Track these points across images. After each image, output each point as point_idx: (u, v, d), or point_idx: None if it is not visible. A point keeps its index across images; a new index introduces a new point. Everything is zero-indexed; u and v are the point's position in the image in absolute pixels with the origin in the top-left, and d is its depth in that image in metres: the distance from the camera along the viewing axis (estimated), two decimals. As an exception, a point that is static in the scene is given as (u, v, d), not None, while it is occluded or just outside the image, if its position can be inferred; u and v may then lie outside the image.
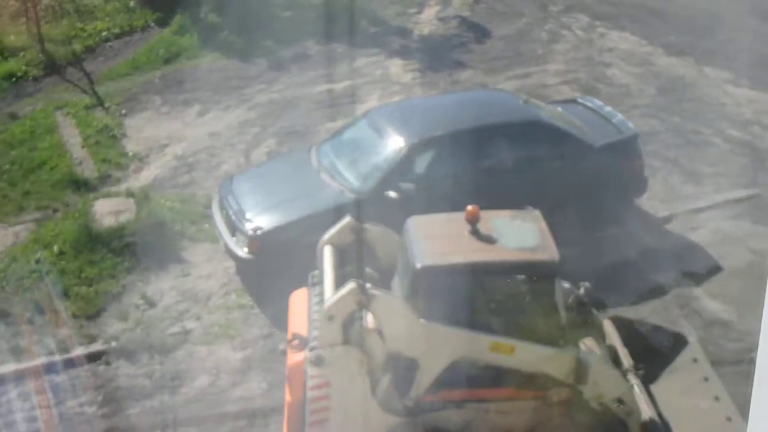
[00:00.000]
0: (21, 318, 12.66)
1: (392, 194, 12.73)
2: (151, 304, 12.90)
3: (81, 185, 15.69)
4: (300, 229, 12.46)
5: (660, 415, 9.60)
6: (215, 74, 19.54)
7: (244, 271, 13.19)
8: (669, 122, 17.02)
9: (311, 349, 8.96)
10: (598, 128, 14.28)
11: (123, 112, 18.34)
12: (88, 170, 16.20)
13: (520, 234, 9.64)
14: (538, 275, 9.36)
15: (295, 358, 9.24)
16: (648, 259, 13.48)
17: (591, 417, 9.46)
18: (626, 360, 10.07)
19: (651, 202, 14.68)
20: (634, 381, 9.83)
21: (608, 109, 14.99)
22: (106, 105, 18.61)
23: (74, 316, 12.67)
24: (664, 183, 15.26)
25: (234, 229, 12.88)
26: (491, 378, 9.35)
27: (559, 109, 14.78)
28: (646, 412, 9.53)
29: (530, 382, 9.37)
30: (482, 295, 9.34)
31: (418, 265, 9.13)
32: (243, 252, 12.70)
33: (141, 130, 17.65)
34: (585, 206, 13.55)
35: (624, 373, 9.81)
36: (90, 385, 11.72)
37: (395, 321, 8.96)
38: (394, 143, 13.25)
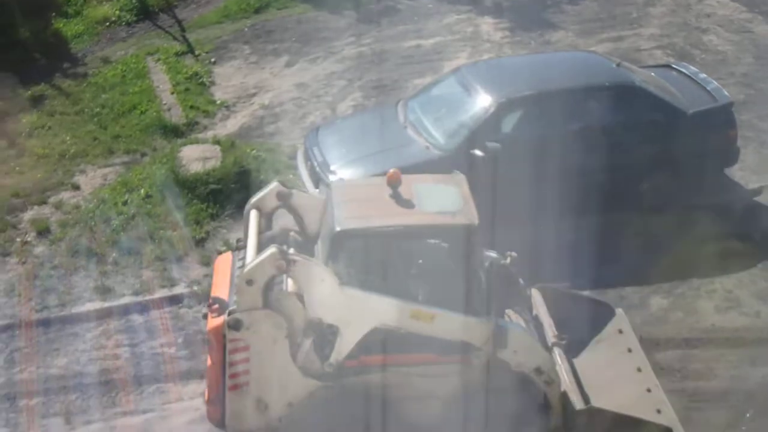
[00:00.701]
0: (107, 258, 12.89)
1: (478, 153, 12.56)
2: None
3: (169, 131, 15.88)
4: (384, 184, 12.43)
5: (580, 384, 9.61)
6: (304, 25, 19.53)
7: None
8: (765, 92, 16.54)
9: (230, 313, 8.92)
10: (692, 95, 13.94)
11: (212, 60, 18.48)
12: (177, 116, 16.38)
13: (441, 198, 9.51)
14: (456, 240, 9.19)
15: (214, 322, 9.18)
16: (734, 231, 13.20)
17: (512, 385, 9.36)
18: (551, 330, 10.09)
19: (742, 173, 14.32)
20: (557, 351, 9.84)
21: (703, 75, 14.61)
22: (196, 52, 18.76)
23: (158, 258, 12.86)
24: (757, 154, 14.87)
25: (318, 181, 12.90)
26: (412, 343, 9.21)
27: (653, 74, 14.44)
28: (566, 382, 9.52)
29: (451, 347, 9.26)
30: (401, 261, 9.27)
31: (337, 228, 9.06)
32: (326, 203, 12.72)
33: (229, 79, 17.77)
34: (674, 174, 13.29)
35: (547, 343, 9.81)
36: (171, 327, 11.90)
37: (315, 287, 8.86)
38: (483, 101, 13.12)
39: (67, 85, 17.72)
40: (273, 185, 10.17)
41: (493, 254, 10.08)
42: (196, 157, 14.61)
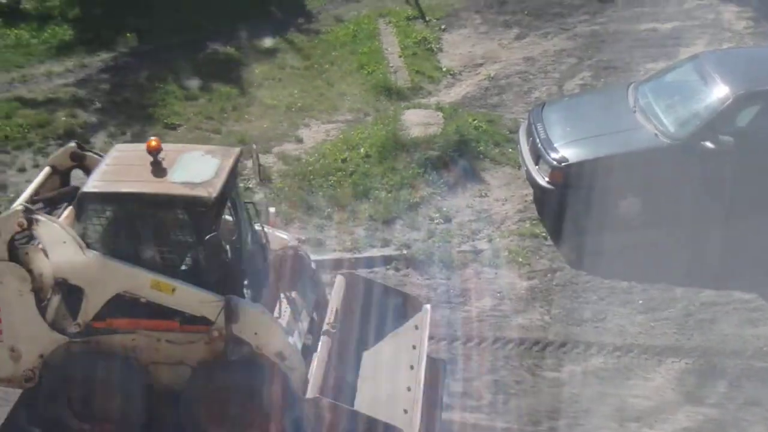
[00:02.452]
0: (322, 212, 13.13)
1: (709, 145, 12.05)
2: (446, 218, 13.01)
3: (393, 93, 16.00)
4: (605, 167, 12.11)
5: (329, 378, 9.29)
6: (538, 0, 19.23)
7: (541, 201, 13.02)
8: None
9: None
10: None
11: (442, 26, 18.48)
12: (402, 79, 16.47)
13: (196, 169, 9.23)
14: (192, 211, 8.99)
15: None
16: None
17: (258, 365, 9.27)
18: (329, 317, 9.80)
19: None
20: (324, 338, 9.55)
21: None
22: (427, 18, 18.81)
23: (371, 218, 12.99)
24: None
25: (538, 157, 12.70)
26: (157, 310, 9.21)
27: None
28: (315, 369, 9.21)
29: (193, 318, 9.22)
30: (144, 228, 9.18)
31: (81, 191, 9.12)
32: (544, 181, 12.51)
33: (457, 47, 17.73)
34: None
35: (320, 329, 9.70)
36: (377, 287, 12.01)
37: (57, 247, 9.00)
38: (719, 92, 12.51)
39: (300, 41, 18.13)
40: (69, 145, 10.43)
41: (284, 235, 10.31)
42: (418, 121, 14.66)
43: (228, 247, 9.49)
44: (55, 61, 17.33)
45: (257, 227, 10.24)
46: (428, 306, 10.67)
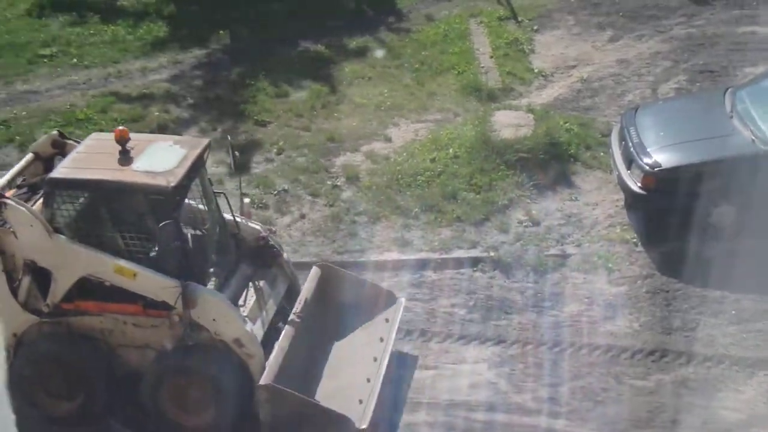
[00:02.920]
0: (409, 212, 13.09)
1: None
2: (534, 222, 12.87)
3: (484, 94, 15.88)
4: (700, 173, 11.85)
5: (287, 366, 9.49)
6: (633, 1, 18.90)
7: (633, 206, 12.78)
8: None
9: None
10: None
11: (535, 27, 18.30)
12: (493, 80, 16.34)
13: (161, 159, 9.48)
14: (150, 199, 9.28)
15: None
16: None
17: (217, 350, 9.54)
18: (298, 306, 10.11)
19: None
20: (288, 328, 9.87)
21: None
22: (519, 18, 18.65)
23: (458, 219, 12.91)
24: None
25: (630, 162, 12.47)
26: (122, 294, 9.51)
27: None
28: (274, 358, 9.47)
29: (155, 303, 9.49)
30: (104, 215, 9.63)
31: (48, 177, 9.48)
32: (636, 186, 12.28)
33: (550, 48, 17.53)
34: None
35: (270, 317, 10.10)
36: (463, 288, 11.93)
37: (25, 230, 9.35)
38: (821, 98, 12.15)
39: (390, 39, 18.13)
40: (51, 133, 10.80)
41: (256, 225, 10.57)
42: (508, 123, 14.53)
43: (189, 234, 9.80)
44: (149, 57, 17.62)
45: (228, 217, 10.45)
46: (402, 300, 10.96)
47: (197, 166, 9.73)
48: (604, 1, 19.02)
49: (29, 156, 10.63)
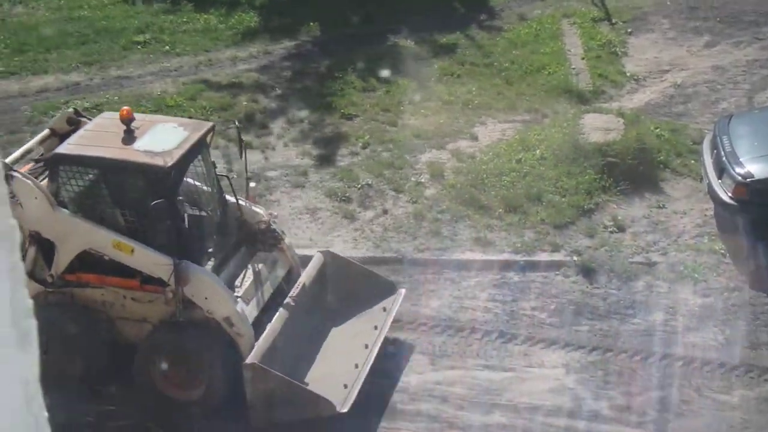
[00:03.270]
0: (493, 212, 12.97)
1: None
2: (620, 227, 12.65)
3: (574, 96, 15.68)
4: (795, 186, 11.53)
5: (276, 347, 9.69)
6: (732, 6, 18.50)
7: (722, 216, 12.48)
8: None
9: None
10: None
11: (629, 30, 18.01)
12: (584, 82, 16.13)
13: (163, 139, 9.78)
14: (149, 178, 9.68)
15: None
16: None
17: (206, 328, 9.82)
18: (295, 290, 10.32)
19: None
20: (282, 311, 10.05)
21: None
22: (613, 21, 18.38)
23: (542, 221, 12.75)
24: None
25: (722, 171, 12.17)
26: (121, 269, 9.90)
27: None
28: (264, 338, 9.67)
29: (151, 278, 9.85)
30: (105, 191, 10.05)
31: (53, 152, 9.84)
32: (726, 196, 11.99)
33: (643, 51, 17.23)
34: None
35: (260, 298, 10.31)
36: (544, 291, 11.79)
37: (30, 203, 9.64)
38: None
39: (481, 37, 18.00)
40: (67, 111, 11.23)
41: (259, 210, 10.79)
42: (598, 126, 14.29)
43: (188, 215, 10.15)
44: (240, 47, 17.78)
45: (232, 200, 10.69)
46: (402, 291, 11.14)
47: (197, 149, 10.07)
48: (702, 5, 18.63)
49: (45, 132, 11.09)
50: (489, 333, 11.17)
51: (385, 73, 16.56)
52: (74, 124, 10.90)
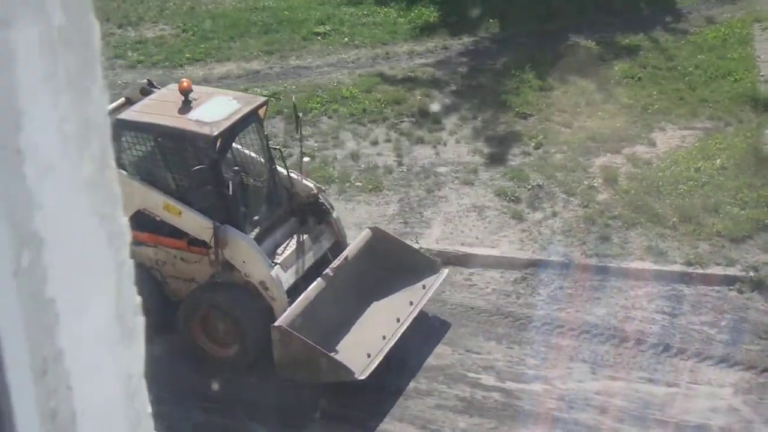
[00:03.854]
0: (666, 221, 12.54)
1: None
2: (803, 245, 12.03)
3: (760, 104, 14.97)
4: None
5: (307, 313, 10.12)
6: None
7: None
8: None
9: None
10: None
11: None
12: (773, 91, 15.42)
13: (215, 110, 10.40)
14: (194, 145, 10.33)
15: None
16: None
17: (245, 290, 10.49)
18: (337, 262, 10.72)
19: None
20: (320, 280, 10.49)
21: None
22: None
23: (718, 234, 12.24)
24: None
25: None
26: (171, 230, 10.56)
27: None
28: (298, 304, 10.14)
29: (197, 240, 10.48)
30: (158, 156, 10.61)
31: (115, 117, 10.15)
32: None
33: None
34: None
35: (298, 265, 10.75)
36: (716, 307, 11.31)
37: None
38: None
39: (665, 40, 17.45)
40: (142, 82, 11.95)
41: (310, 183, 11.27)
42: (785, 137, 13.64)
43: (231, 182, 10.50)
44: (417, 41, 17.82)
45: (283, 172, 11.23)
46: (446, 271, 11.35)
47: (247, 120, 10.70)
48: None
49: (121, 100, 11.60)
50: (655, 345, 10.82)
51: (563, 72, 16.26)
52: (146, 94, 11.54)
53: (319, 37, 18.03)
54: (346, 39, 17.92)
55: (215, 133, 10.21)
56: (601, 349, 10.83)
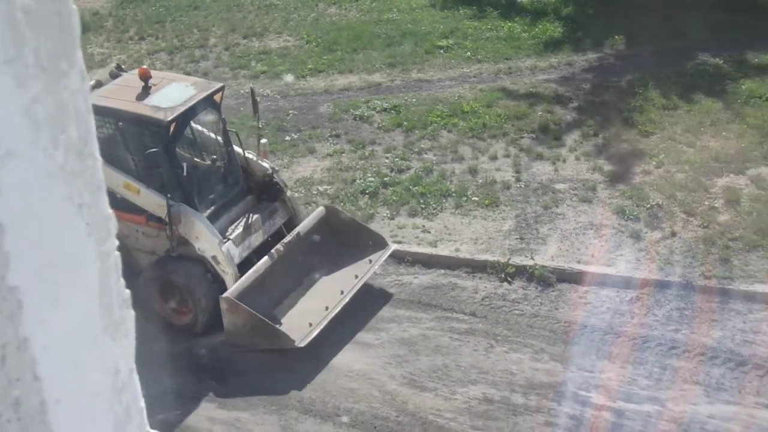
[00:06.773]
0: (790, 244, 12.23)
1: None
2: None
3: None
4: None
5: (255, 285, 11.04)
6: None
7: None
8: None
9: None
10: None
11: None
12: None
13: (171, 96, 11.12)
14: (149, 129, 11.05)
15: None
16: None
17: (202, 263, 11.24)
18: (287, 238, 11.64)
19: None
20: (270, 255, 11.36)
21: None
22: None
23: None
24: None
25: None
26: (132, 206, 11.24)
27: None
28: (244, 278, 11.03)
29: (154, 217, 11.29)
30: (118, 138, 11.18)
31: None
32: None
33: None
34: None
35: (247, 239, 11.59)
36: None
37: None
38: None
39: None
40: (111, 66, 12.59)
41: (265, 164, 12.10)
42: None
43: (185, 164, 11.34)
44: (541, 57, 17.78)
45: (239, 152, 12.05)
46: (393, 246, 12.13)
47: (202, 106, 11.36)
48: None
49: (92, 82, 11.83)
50: (759, 367, 10.54)
51: (688, 91, 16.00)
52: (115, 77, 12.09)
53: (441, 51, 18.16)
54: (469, 53, 18.00)
55: (169, 119, 10.93)
56: (717, 372, 10.60)
